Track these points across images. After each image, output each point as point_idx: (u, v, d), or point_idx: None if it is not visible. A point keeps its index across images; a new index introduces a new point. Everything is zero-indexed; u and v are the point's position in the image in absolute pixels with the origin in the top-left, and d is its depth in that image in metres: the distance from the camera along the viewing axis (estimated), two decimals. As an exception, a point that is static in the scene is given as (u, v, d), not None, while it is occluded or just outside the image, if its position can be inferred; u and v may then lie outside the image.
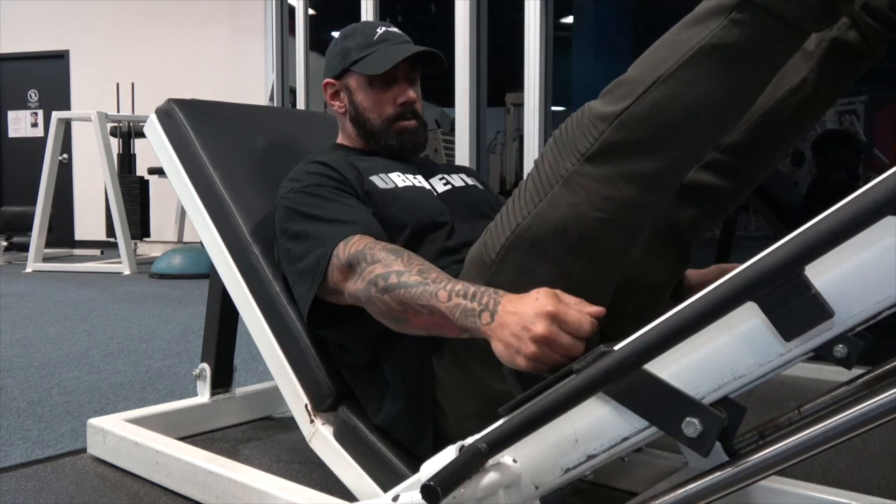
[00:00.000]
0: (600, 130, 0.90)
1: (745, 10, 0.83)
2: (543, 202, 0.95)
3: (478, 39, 3.38)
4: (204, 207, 1.48)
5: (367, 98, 1.36)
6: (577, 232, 0.93)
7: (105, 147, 5.28)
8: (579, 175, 0.92)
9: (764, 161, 1.16)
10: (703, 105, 0.88)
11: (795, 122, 1.12)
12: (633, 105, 0.88)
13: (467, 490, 0.82)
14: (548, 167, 0.95)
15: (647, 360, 0.76)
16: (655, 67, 0.88)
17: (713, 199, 1.16)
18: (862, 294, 0.70)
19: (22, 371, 2.40)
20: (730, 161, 1.14)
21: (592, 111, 0.92)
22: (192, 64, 7.31)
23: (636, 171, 0.90)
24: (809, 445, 0.72)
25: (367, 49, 1.35)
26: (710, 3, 0.86)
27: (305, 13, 4.24)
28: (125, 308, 3.77)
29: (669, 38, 0.89)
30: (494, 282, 0.99)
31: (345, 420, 1.26)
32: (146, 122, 1.61)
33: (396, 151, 1.38)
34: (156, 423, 1.64)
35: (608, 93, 0.92)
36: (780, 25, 0.84)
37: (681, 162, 0.93)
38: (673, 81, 0.86)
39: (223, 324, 1.74)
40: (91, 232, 7.53)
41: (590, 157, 0.91)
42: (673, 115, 0.88)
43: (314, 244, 1.15)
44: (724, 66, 0.86)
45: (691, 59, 0.85)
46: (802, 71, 1.08)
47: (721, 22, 0.84)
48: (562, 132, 0.96)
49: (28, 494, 1.42)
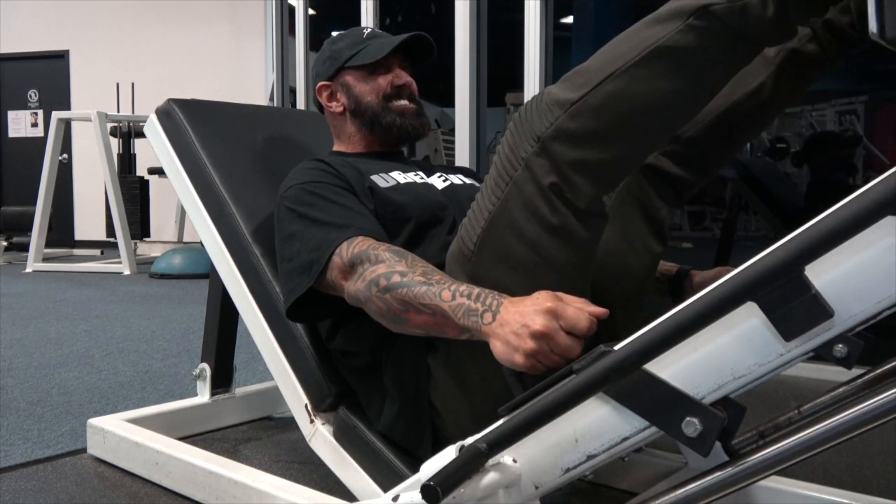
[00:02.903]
0: (556, 115, 0.92)
1: (703, 18, 0.85)
2: (510, 186, 0.97)
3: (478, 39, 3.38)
4: (204, 207, 1.48)
5: (364, 87, 1.39)
6: (548, 210, 0.95)
7: (105, 147, 5.28)
8: (538, 157, 0.94)
9: (718, 156, 1.19)
10: (653, 103, 0.90)
11: (750, 123, 1.14)
12: (589, 95, 0.90)
13: (467, 490, 0.82)
14: (509, 151, 0.98)
15: (647, 360, 0.76)
16: (613, 61, 0.89)
17: (672, 185, 1.19)
18: (862, 294, 0.70)
19: (22, 371, 2.40)
20: (686, 153, 1.16)
21: (550, 96, 0.94)
22: (192, 64, 7.31)
23: (586, 159, 0.92)
24: (809, 445, 0.72)
25: (357, 46, 1.40)
26: (672, 5, 0.88)
27: (305, 13, 4.24)
28: (125, 308, 3.78)
29: (630, 34, 0.91)
30: (476, 272, 1.01)
31: (345, 420, 1.26)
32: (146, 122, 1.61)
33: (399, 133, 1.38)
34: (156, 423, 1.64)
35: (567, 79, 0.95)
36: (735, 37, 0.86)
37: (629, 155, 0.96)
38: (627, 77, 0.88)
39: (223, 324, 1.74)
40: (91, 232, 7.53)
41: (545, 141, 0.93)
42: (624, 109, 0.90)
43: (307, 245, 1.15)
44: (676, 68, 0.88)
45: (646, 57, 0.87)
46: (760, 76, 1.11)
47: (678, 26, 0.86)
48: (521, 115, 0.97)
49: (28, 494, 1.42)
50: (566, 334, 0.85)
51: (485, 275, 1.00)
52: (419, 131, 1.41)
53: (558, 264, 0.97)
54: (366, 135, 1.41)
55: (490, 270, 1.00)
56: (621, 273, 1.14)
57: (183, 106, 1.57)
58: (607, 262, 1.12)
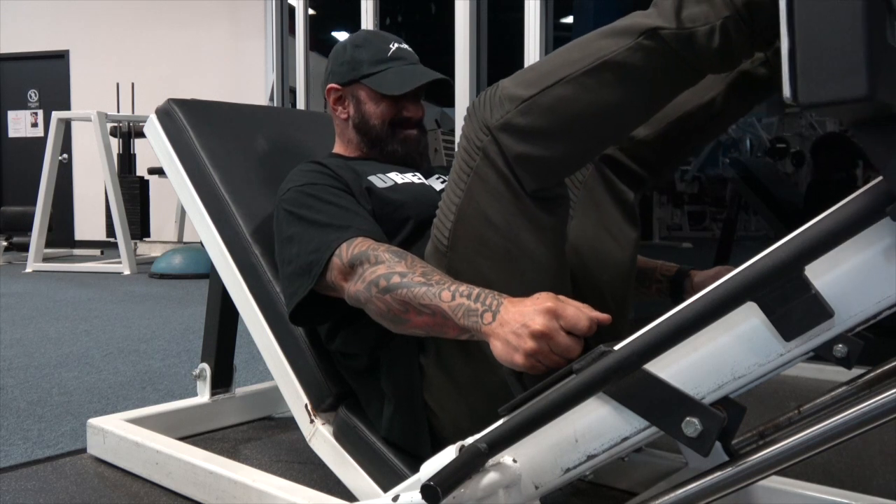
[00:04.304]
0: (507, 109, 0.95)
1: (652, 39, 0.88)
2: (471, 177, 1.00)
3: (478, 39, 3.38)
4: (204, 207, 1.48)
5: (375, 108, 1.37)
6: (509, 195, 0.98)
7: (105, 147, 5.28)
8: (492, 145, 0.97)
9: (670, 159, 1.23)
10: (598, 111, 0.94)
11: (702, 132, 1.19)
12: (539, 95, 0.93)
13: (467, 490, 0.82)
14: (466, 143, 1.01)
15: (647, 359, 0.77)
16: (565, 66, 0.93)
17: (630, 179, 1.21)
18: (862, 294, 0.70)
19: (22, 371, 2.40)
20: (640, 153, 1.20)
21: (504, 90, 0.97)
22: (192, 64, 7.32)
23: (529, 154, 0.95)
24: (809, 445, 0.72)
25: (380, 65, 1.36)
26: (626, 22, 0.91)
27: (305, 13, 4.24)
28: (125, 308, 3.78)
29: (585, 42, 0.94)
30: (453, 265, 1.02)
31: (345, 420, 1.26)
32: (146, 122, 1.61)
33: (401, 158, 1.39)
34: (156, 423, 1.64)
35: (521, 76, 0.98)
36: (680, 61, 0.90)
37: (572, 156, 0.99)
38: (576, 84, 0.92)
39: (223, 324, 1.74)
40: (91, 232, 7.54)
41: (494, 132, 0.96)
42: (570, 114, 0.94)
43: (306, 247, 1.15)
44: (622, 82, 0.91)
45: (596, 68, 0.91)
46: (713, 91, 1.14)
47: (629, 43, 0.89)
48: (474, 106, 1.00)
49: (28, 494, 1.42)
50: (566, 334, 0.85)
51: (461, 267, 1.01)
52: (418, 162, 1.41)
53: (529, 248, 1.00)
54: (365, 148, 1.41)
55: (466, 262, 1.02)
56: (603, 261, 1.15)
57: (183, 106, 1.57)
58: (587, 250, 1.14)
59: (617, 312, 1.08)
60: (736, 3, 0.86)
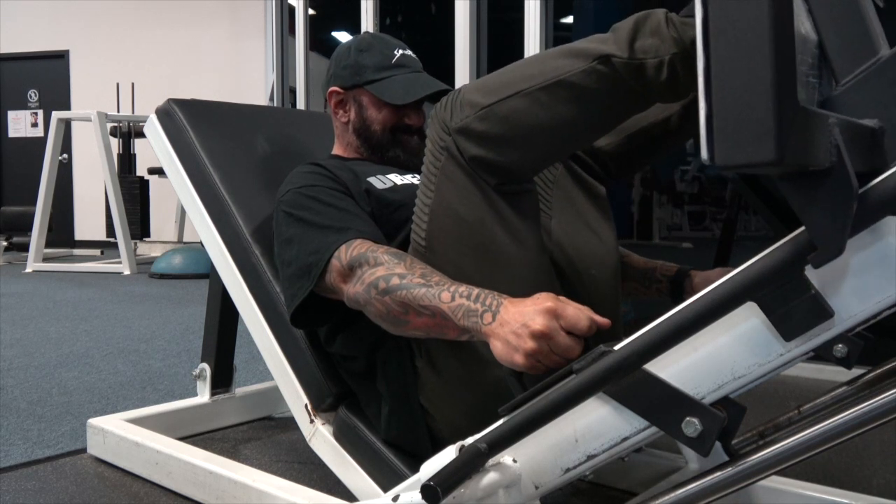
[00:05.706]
0: (466, 114, 0.99)
1: (605, 65, 0.92)
2: (439, 176, 1.03)
3: (478, 39, 3.38)
4: (204, 207, 1.48)
5: (377, 114, 1.37)
6: (479, 192, 1.01)
7: (105, 147, 5.28)
8: (454, 145, 1.01)
9: (628, 168, 1.28)
10: (549, 126, 0.97)
11: (657, 146, 1.23)
12: (496, 104, 0.97)
13: (467, 490, 0.82)
14: (431, 145, 1.04)
15: (647, 359, 0.77)
16: (522, 80, 0.97)
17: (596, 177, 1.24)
18: (862, 294, 0.70)
19: (22, 371, 2.40)
20: (600, 158, 1.24)
21: (466, 96, 1.00)
22: (192, 64, 7.32)
23: (483, 157, 0.99)
24: (809, 445, 0.72)
25: (384, 72, 1.36)
26: (584, 45, 0.95)
27: (305, 13, 4.25)
28: (125, 308, 3.78)
29: (543, 58, 0.98)
30: (433, 264, 1.03)
31: (345, 420, 1.26)
32: (146, 122, 1.61)
33: (401, 164, 1.39)
34: (156, 423, 1.64)
35: (482, 82, 1.02)
36: (629, 89, 0.93)
37: (524, 164, 1.01)
38: (531, 98, 0.96)
39: (223, 324, 1.74)
40: (91, 232, 7.53)
41: (454, 133, 1.00)
42: (524, 125, 0.97)
43: (305, 249, 1.15)
44: (575, 101, 0.95)
45: (550, 86, 0.94)
46: (669, 110, 1.18)
47: (583, 66, 0.93)
48: (437, 109, 1.04)
49: (28, 494, 1.42)
50: (566, 334, 0.86)
51: (440, 265, 1.03)
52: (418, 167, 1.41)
53: (504, 241, 1.01)
54: (365, 151, 1.41)
55: (444, 260, 1.03)
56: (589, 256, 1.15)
57: (183, 106, 1.57)
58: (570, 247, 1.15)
59: (610, 305, 1.08)
60: (684, 40, 0.89)
